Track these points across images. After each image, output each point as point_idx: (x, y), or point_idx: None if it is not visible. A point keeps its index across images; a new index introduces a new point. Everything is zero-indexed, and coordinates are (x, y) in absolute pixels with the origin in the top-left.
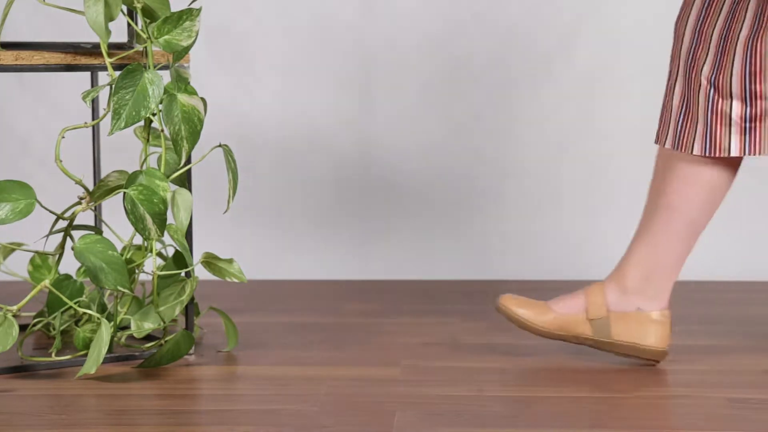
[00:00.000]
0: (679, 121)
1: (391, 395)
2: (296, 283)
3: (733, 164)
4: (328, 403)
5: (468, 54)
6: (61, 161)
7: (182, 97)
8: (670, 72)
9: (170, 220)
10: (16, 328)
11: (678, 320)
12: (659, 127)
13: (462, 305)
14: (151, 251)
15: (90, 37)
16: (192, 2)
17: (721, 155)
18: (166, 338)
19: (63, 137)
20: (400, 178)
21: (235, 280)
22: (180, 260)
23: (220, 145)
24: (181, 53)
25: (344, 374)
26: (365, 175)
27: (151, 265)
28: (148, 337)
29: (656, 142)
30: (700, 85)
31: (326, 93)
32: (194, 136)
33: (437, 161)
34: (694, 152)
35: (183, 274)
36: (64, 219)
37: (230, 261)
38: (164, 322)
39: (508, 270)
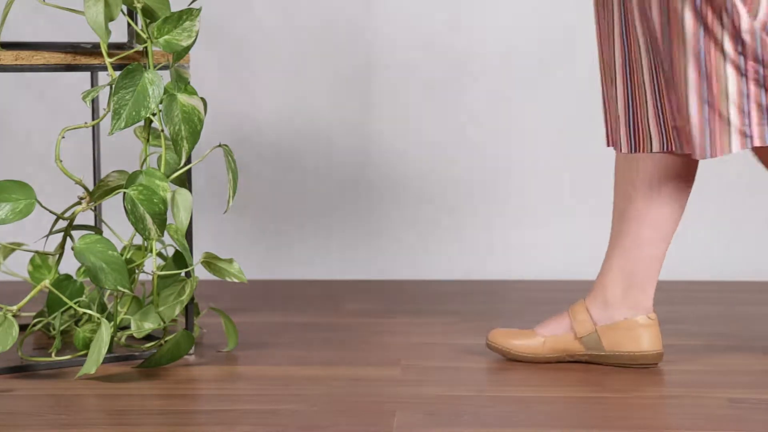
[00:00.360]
0: (629, 124)
1: (391, 395)
2: (296, 283)
3: (692, 164)
4: (328, 403)
5: (468, 54)
6: (61, 161)
7: (182, 97)
8: (604, 77)
9: (170, 220)
10: (16, 328)
11: (677, 320)
12: (609, 133)
13: (462, 305)
14: (151, 251)
15: (90, 37)
16: (192, 2)
17: (675, 151)
18: (166, 338)
19: (63, 137)
20: (400, 178)
21: (235, 280)
22: (180, 260)
23: (220, 145)
24: (181, 53)
25: (344, 374)
26: (365, 175)
27: (151, 265)
28: (148, 337)
29: (612, 147)
30: (644, 88)
31: (326, 93)
32: (194, 136)
33: (437, 161)
34: (653, 150)
35: (183, 274)
36: (64, 219)
37: (230, 261)
38: (164, 322)
39: (508, 270)
